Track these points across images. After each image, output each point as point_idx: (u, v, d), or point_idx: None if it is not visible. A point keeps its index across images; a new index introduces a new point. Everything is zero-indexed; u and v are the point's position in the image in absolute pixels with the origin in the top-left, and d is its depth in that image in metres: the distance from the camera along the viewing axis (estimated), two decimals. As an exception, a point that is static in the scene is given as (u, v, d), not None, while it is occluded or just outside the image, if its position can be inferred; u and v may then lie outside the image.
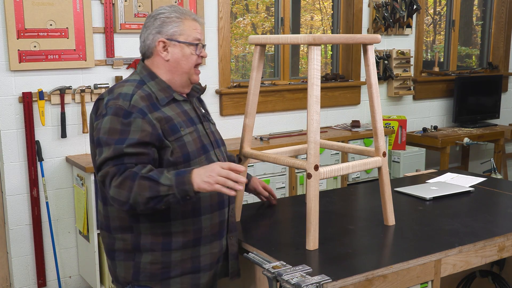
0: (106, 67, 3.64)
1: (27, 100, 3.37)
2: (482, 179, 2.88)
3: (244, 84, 4.17)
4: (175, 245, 1.85)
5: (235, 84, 4.17)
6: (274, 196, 2.44)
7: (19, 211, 3.47)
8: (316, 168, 1.87)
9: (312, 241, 1.91)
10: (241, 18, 4.87)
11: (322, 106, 4.36)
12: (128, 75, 2.00)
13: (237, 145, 3.11)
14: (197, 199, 1.85)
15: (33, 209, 3.48)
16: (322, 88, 3.49)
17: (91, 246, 3.38)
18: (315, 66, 1.85)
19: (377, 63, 4.82)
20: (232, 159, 2.17)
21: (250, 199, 2.91)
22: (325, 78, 4.68)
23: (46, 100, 3.44)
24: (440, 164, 4.89)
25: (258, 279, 1.95)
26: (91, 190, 3.28)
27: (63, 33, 3.44)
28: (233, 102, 4.16)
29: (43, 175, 3.48)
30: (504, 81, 5.78)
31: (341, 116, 4.77)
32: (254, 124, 2.18)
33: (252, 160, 2.16)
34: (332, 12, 4.90)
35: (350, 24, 4.75)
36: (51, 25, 3.40)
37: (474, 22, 6.11)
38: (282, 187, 3.93)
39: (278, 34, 4.54)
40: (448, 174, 3.00)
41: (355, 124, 4.59)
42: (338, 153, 4.19)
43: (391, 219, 2.18)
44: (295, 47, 4.83)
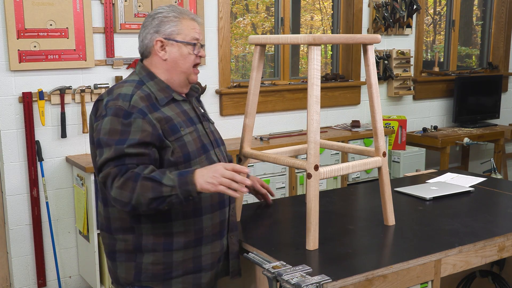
0: (106, 67, 3.64)
1: (27, 100, 3.37)
2: (482, 179, 2.88)
3: (244, 84, 4.17)
4: (177, 245, 1.85)
5: (235, 84, 4.17)
6: (272, 193, 2.44)
7: (19, 211, 3.47)
8: (316, 168, 1.87)
9: (312, 241, 1.91)
10: (241, 18, 4.87)
11: (322, 106, 4.36)
12: (128, 75, 2.00)
13: (237, 145, 3.11)
14: (198, 199, 1.85)
15: (33, 209, 3.48)
16: (322, 88, 3.49)
17: (91, 246, 3.38)
18: (315, 66, 1.85)
19: (377, 63, 4.82)
20: (229, 159, 2.17)
21: (250, 199, 2.91)
22: (325, 78, 4.68)
23: (46, 100, 3.44)
24: (440, 164, 4.89)
25: (258, 279, 1.95)
26: (91, 190, 3.28)
27: (63, 33, 3.44)
28: (233, 102, 4.16)
29: (43, 175, 3.48)
30: (504, 81, 5.78)
31: (341, 116, 4.77)
32: (254, 124, 2.18)
33: (252, 160, 2.16)
34: (332, 12, 4.89)
35: (350, 24, 4.75)
36: (51, 25, 3.40)
37: (474, 22, 6.11)
38: (282, 187, 3.93)
39: (278, 34, 4.54)
40: (448, 174, 3.00)
41: (355, 124, 4.58)
42: (338, 153, 4.19)
43: (391, 219, 2.18)
44: (295, 47, 4.82)
